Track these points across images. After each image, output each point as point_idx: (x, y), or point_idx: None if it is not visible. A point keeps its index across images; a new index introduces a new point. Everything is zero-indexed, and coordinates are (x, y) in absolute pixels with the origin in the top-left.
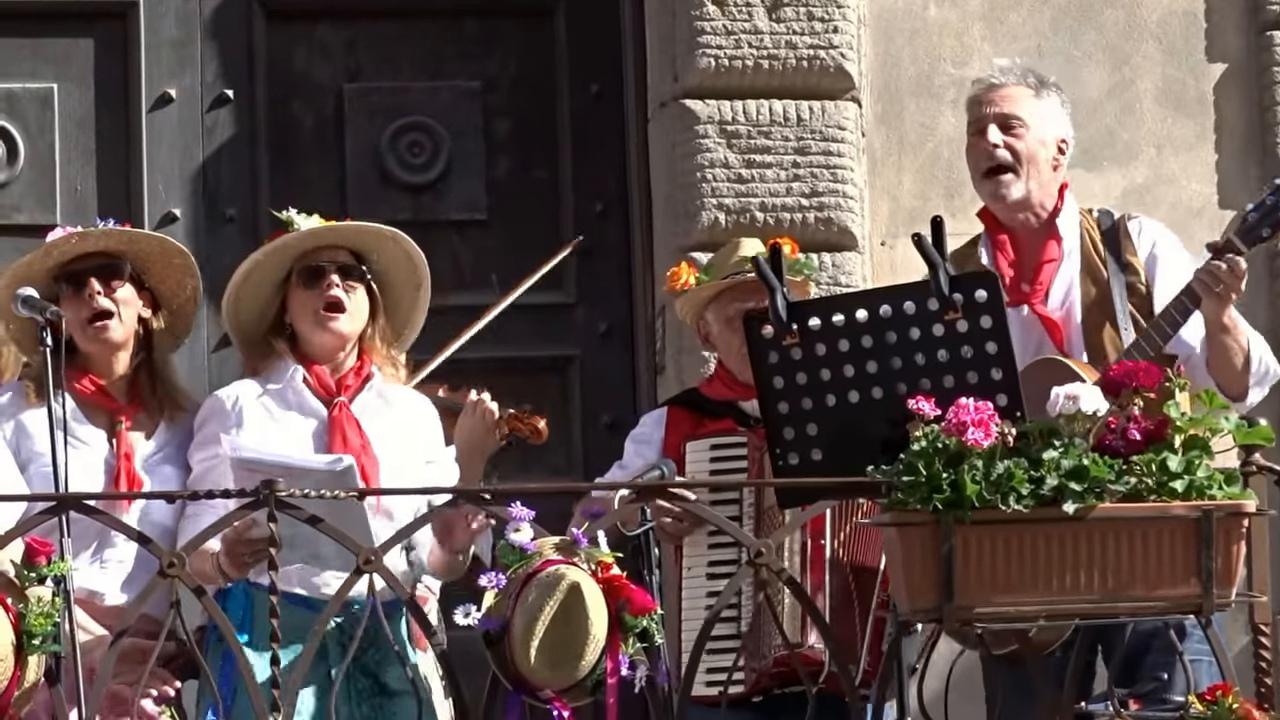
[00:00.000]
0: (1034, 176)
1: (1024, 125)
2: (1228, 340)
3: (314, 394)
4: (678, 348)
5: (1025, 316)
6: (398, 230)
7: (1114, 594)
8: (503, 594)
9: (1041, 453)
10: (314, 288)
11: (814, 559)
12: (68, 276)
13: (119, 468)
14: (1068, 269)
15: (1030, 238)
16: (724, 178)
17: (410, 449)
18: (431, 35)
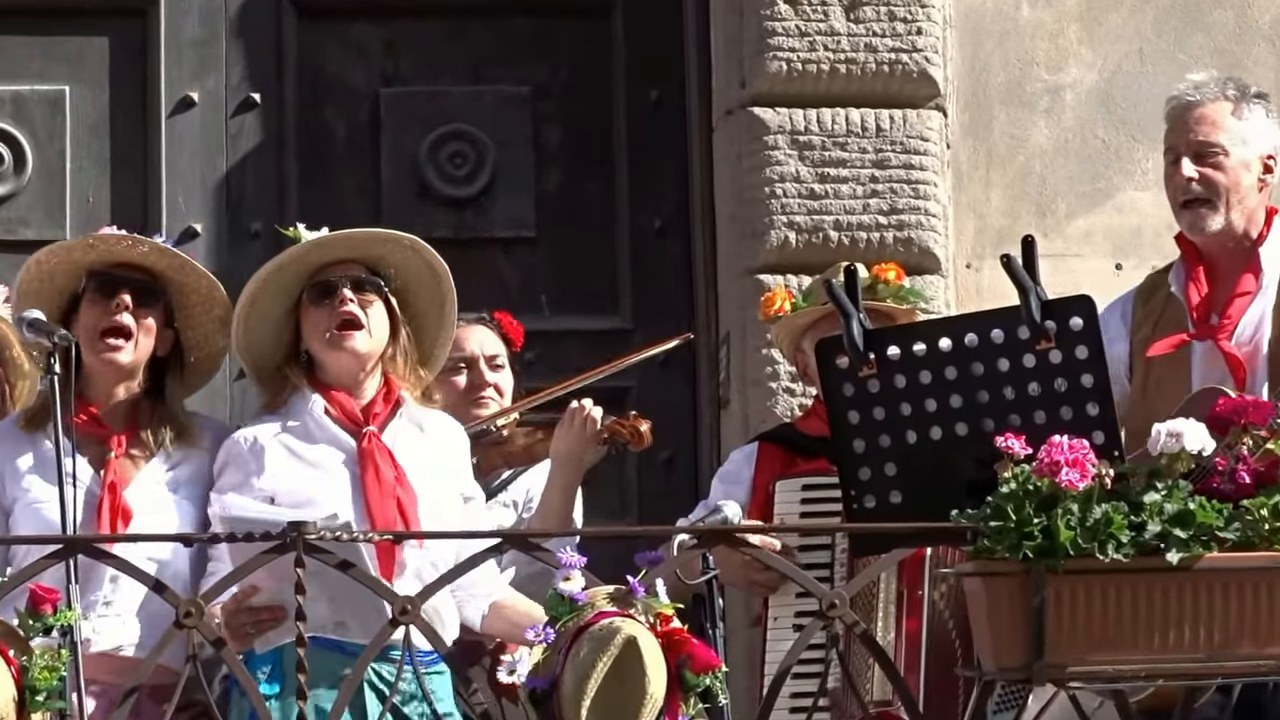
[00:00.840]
0: (1235, 206)
1: (1222, 152)
2: None
3: (339, 425)
4: (743, 379)
5: (1208, 350)
6: (416, 238)
7: (1221, 652)
8: (551, 649)
9: (1143, 496)
10: (326, 305)
11: (911, 609)
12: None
13: (102, 499)
14: (1261, 303)
15: (1228, 266)
16: (795, 193)
17: (449, 479)
18: (477, 35)
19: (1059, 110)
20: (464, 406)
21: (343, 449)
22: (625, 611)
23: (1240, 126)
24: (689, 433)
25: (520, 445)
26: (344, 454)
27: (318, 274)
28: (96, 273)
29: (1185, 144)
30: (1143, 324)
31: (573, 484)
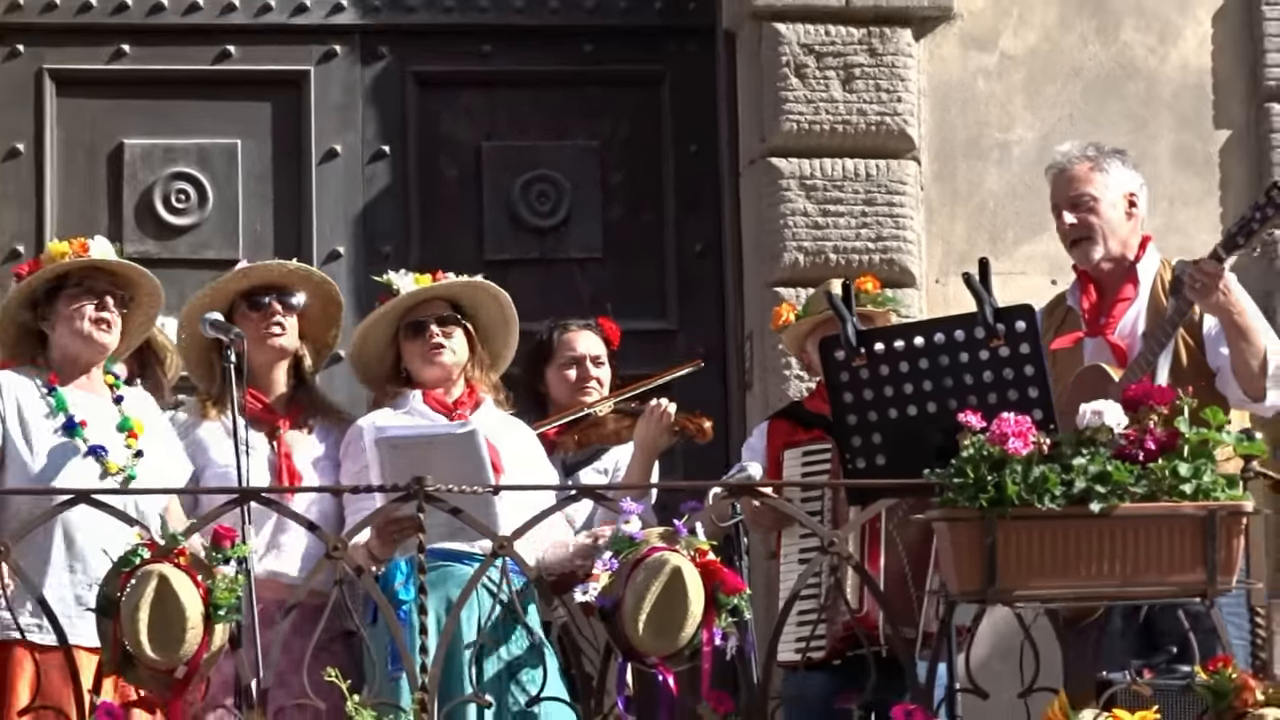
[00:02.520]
0: (1110, 236)
1: (1091, 199)
2: (1241, 343)
3: (435, 410)
4: (763, 368)
5: (1097, 344)
6: (482, 280)
7: (1132, 579)
8: (615, 576)
9: (1072, 460)
10: (419, 339)
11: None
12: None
13: (280, 465)
14: (1137, 305)
15: (1112, 281)
16: (803, 224)
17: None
18: (557, 101)
19: (1008, 161)
20: (573, 395)
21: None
22: (672, 547)
23: (1101, 177)
24: (721, 410)
25: (611, 429)
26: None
27: (410, 314)
28: (246, 293)
29: (1064, 199)
30: (1048, 331)
31: (649, 463)
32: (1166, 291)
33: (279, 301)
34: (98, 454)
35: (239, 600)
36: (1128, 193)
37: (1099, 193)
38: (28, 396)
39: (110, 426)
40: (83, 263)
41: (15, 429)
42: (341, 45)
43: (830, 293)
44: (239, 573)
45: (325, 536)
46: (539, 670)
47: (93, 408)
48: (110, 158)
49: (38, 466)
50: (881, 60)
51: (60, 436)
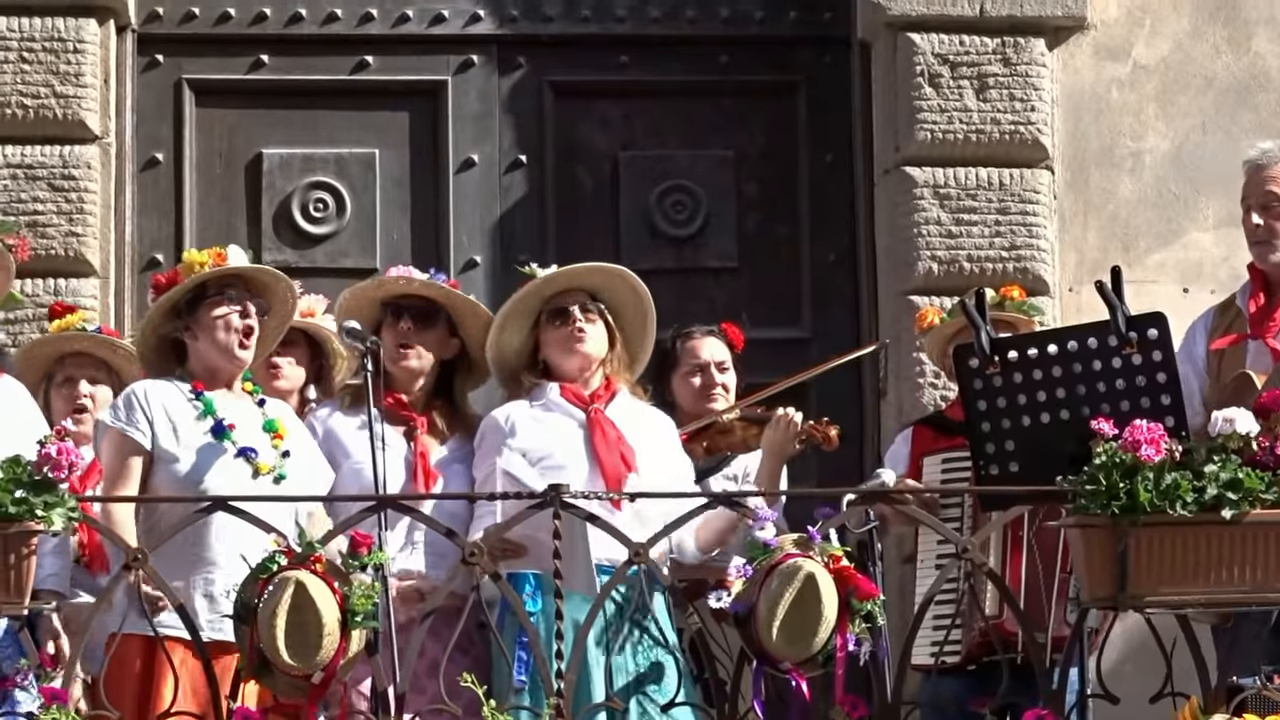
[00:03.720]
0: None
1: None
2: None
3: (571, 403)
4: (897, 376)
5: (1259, 346)
6: (624, 268)
7: (1262, 585)
8: (750, 582)
9: (1204, 466)
10: (562, 324)
11: (1013, 549)
12: (393, 308)
13: (416, 465)
14: None
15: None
16: (937, 233)
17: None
18: (693, 111)
19: (1140, 170)
20: (699, 402)
21: (575, 419)
22: (806, 553)
23: None
24: (856, 417)
25: (739, 437)
26: (576, 421)
27: (552, 300)
28: (388, 303)
29: (1254, 196)
30: (1217, 329)
31: (777, 470)
32: None
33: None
34: (248, 455)
35: (375, 607)
36: None
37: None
38: (174, 402)
39: (257, 428)
40: (223, 271)
41: (165, 432)
42: (479, 55)
43: (964, 300)
44: (375, 579)
45: (462, 543)
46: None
47: (239, 411)
48: (249, 167)
49: (187, 468)
50: (1015, 70)
51: (209, 438)
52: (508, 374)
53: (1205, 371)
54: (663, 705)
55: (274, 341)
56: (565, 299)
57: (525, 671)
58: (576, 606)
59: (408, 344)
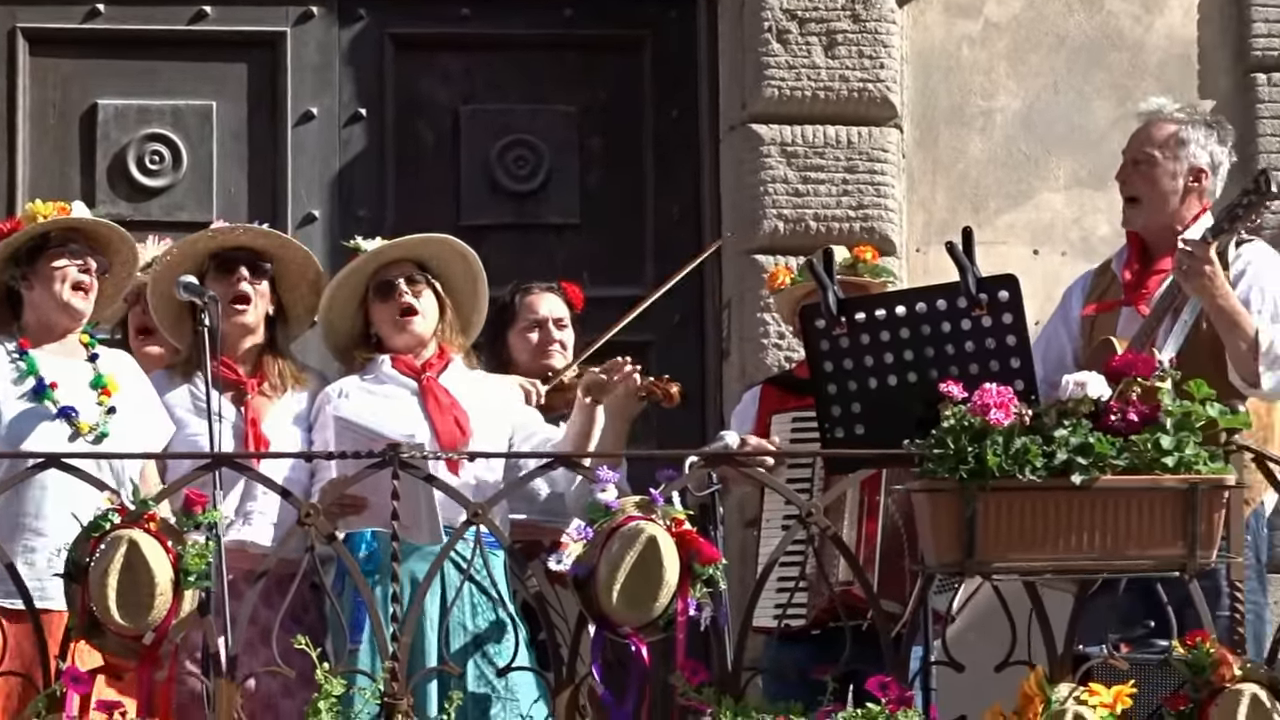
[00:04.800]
0: (1157, 208)
1: (1154, 164)
2: (1226, 326)
3: (404, 374)
4: (740, 336)
5: (1131, 313)
6: (448, 236)
7: (1112, 553)
8: (590, 544)
9: (1053, 431)
10: (389, 299)
11: (870, 512)
12: (221, 261)
13: (247, 431)
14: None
15: (1156, 251)
16: (783, 191)
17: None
18: (536, 65)
19: (990, 129)
20: (536, 359)
21: (408, 388)
22: (648, 516)
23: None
24: (698, 377)
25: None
26: (409, 390)
27: (377, 275)
28: (216, 255)
29: (1129, 152)
30: (1093, 293)
31: (621, 430)
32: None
33: (248, 267)
34: (68, 415)
35: (209, 566)
36: (1197, 168)
37: (1163, 159)
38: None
39: (83, 385)
40: (67, 222)
41: None
42: (319, 6)
43: (811, 260)
44: (209, 539)
45: (297, 503)
46: (507, 641)
47: (65, 369)
48: (83, 118)
49: (3, 432)
50: (864, 26)
51: (28, 401)
52: (340, 351)
53: (1080, 335)
54: (499, 669)
55: (114, 302)
56: (391, 272)
57: (361, 634)
58: (416, 564)
59: (245, 296)
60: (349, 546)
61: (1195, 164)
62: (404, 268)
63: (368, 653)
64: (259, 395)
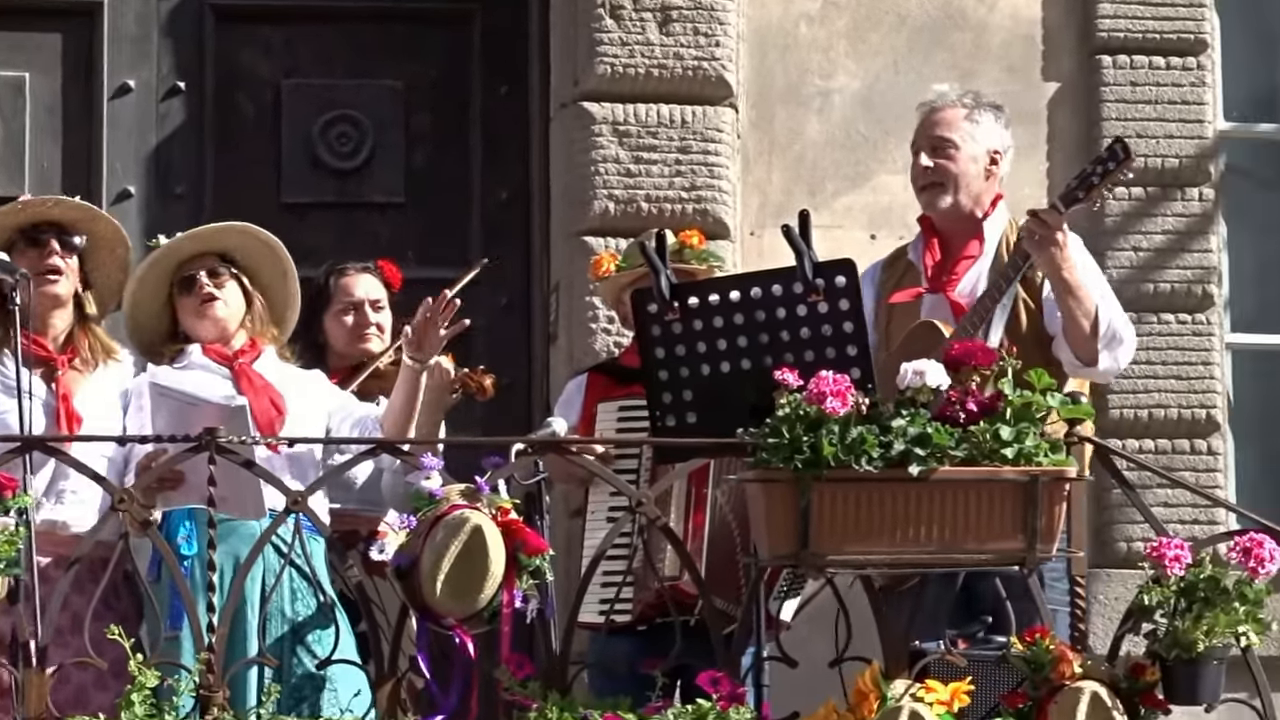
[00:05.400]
0: (963, 190)
1: (953, 146)
2: (1070, 301)
3: (216, 361)
4: (569, 321)
5: (937, 301)
6: (249, 225)
7: (950, 546)
8: (413, 534)
9: (891, 420)
10: (191, 293)
11: (697, 505)
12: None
13: (59, 408)
14: (981, 265)
15: (957, 238)
16: (615, 172)
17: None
18: (361, 38)
19: (829, 110)
20: (352, 343)
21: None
22: (473, 505)
23: (970, 127)
24: (524, 362)
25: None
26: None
27: (181, 269)
28: (24, 229)
29: (925, 140)
30: (886, 284)
31: (435, 422)
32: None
33: (58, 240)
34: None
35: (19, 553)
36: (992, 150)
37: (962, 142)
38: None
39: None
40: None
41: None
42: None
43: (643, 243)
44: (19, 524)
45: (111, 488)
46: (329, 631)
47: None
48: None
49: None
50: (700, 3)
51: None
52: (147, 348)
53: (874, 328)
54: (319, 661)
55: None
56: (193, 265)
57: (180, 623)
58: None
59: (56, 268)
60: (167, 527)
61: (990, 147)
62: (207, 260)
63: (189, 641)
64: (70, 370)
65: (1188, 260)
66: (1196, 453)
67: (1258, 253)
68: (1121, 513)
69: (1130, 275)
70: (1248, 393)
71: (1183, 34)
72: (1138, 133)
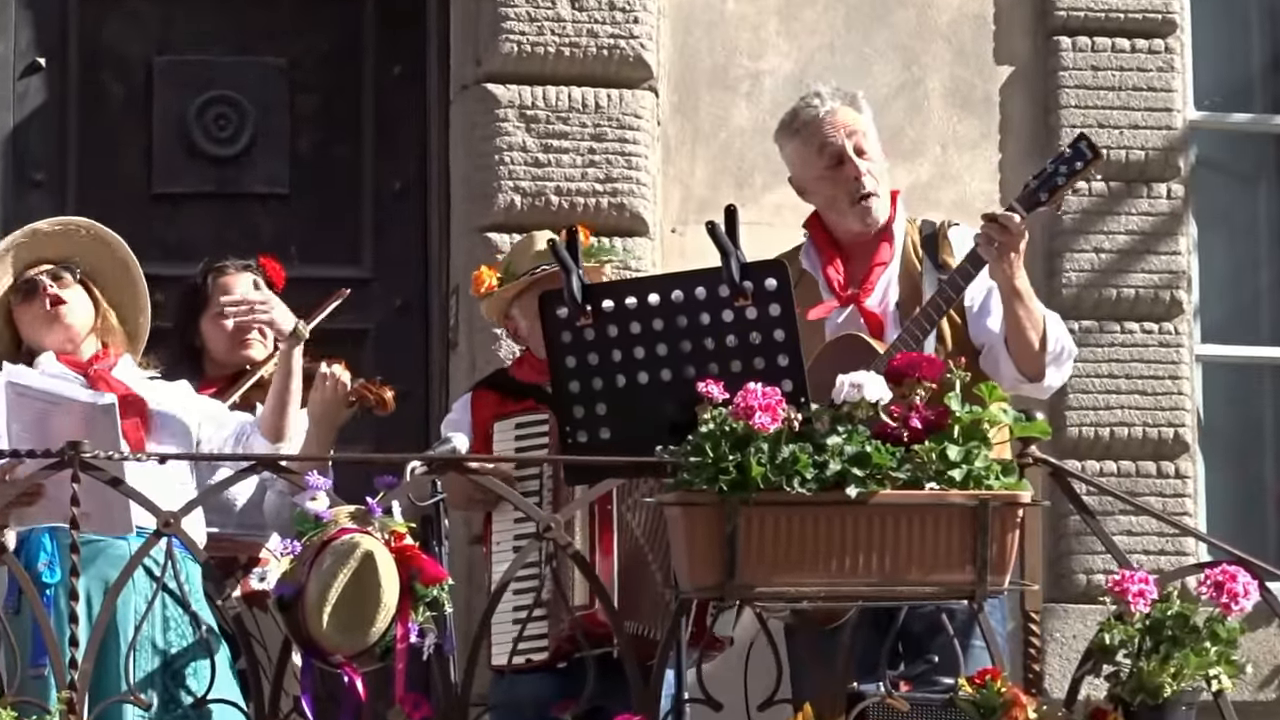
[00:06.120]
0: (885, 194)
1: (868, 147)
2: (1021, 313)
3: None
4: (470, 325)
5: (850, 313)
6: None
7: (892, 577)
8: (298, 560)
9: (826, 438)
10: (33, 299)
11: (603, 526)
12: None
13: None
14: (891, 270)
15: (865, 244)
16: (522, 161)
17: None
18: (242, 12)
19: (758, 94)
20: (232, 348)
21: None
22: (364, 529)
23: (868, 123)
24: (421, 371)
25: None
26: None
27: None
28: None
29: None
30: None
31: (326, 439)
32: (918, 253)
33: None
34: None
35: None
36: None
37: (869, 142)
38: None
39: None
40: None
41: None
42: None
43: (554, 240)
44: None
45: None
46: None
47: None
48: None
49: None
50: None
51: None
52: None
53: None
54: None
55: None
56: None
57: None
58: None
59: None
60: (26, 552)
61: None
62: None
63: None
64: None
65: (1154, 264)
66: (1163, 476)
67: (1231, 256)
68: (1080, 542)
69: (1091, 279)
70: (1219, 410)
71: (1149, 13)
72: (1099, 122)
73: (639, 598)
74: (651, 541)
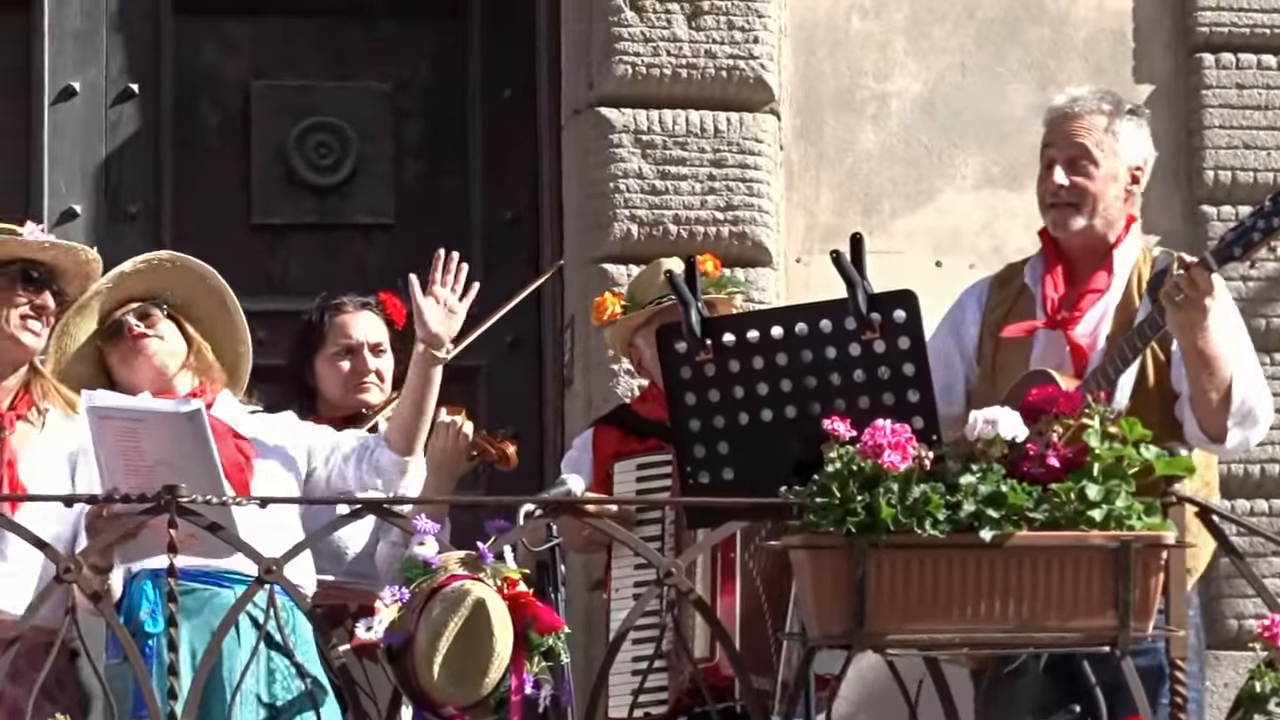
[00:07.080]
0: (1099, 212)
1: (1093, 162)
2: (1202, 370)
3: None
4: (586, 361)
5: (1053, 338)
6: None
7: (1029, 624)
8: (406, 608)
9: (959, 477)
10: (119, 339)
11: (725, 574)
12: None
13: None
14: (1108, 300)
15: (1084, 266)
16: (638, 189)
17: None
18: (343, 34)
19: (885, 117)
20: (348, 392)
21: None
22: (475, 575)
23: (1111, 140)
24: (535, 410)
25: None
26: None
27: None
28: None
29: (1060, 151)
30: (996, 309)
31: (444, 489)
32: (1141, 288)
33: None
34: None
35: None
36: (1133, 166)
37: (1102, 157)
38: None
39: None
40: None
41: None
42: None
43: (671, 272)
44: None
45: (55, 556)
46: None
47: None
48: None
49: None
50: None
51: None
52: None
53: (975, 359)
54: None
55: None
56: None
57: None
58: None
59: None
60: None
61: (1131, 163)
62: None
63: None
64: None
65: None
66: None
67: None
68: (1231, 585)
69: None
70: None
71: None
72: (1245, 143)
73: (759, 651)
74: (766, 586)
